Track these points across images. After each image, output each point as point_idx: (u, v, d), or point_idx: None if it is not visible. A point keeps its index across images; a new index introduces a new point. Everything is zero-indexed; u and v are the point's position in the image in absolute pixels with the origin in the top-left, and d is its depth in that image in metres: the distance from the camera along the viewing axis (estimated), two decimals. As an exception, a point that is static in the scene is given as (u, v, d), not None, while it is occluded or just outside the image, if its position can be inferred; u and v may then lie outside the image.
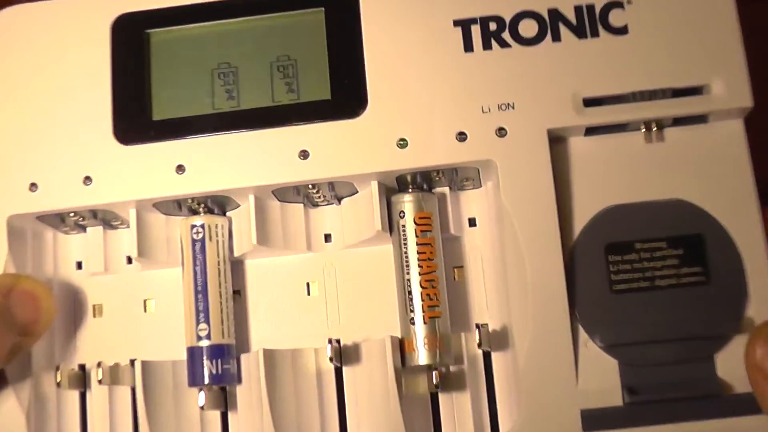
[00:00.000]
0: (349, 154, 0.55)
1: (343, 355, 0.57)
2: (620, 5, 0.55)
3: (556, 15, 0.55)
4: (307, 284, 0.59)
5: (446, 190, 0.57)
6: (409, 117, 0.55)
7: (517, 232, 0.53)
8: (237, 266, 0.59)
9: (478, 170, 0.55)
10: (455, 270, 0.58)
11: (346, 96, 0.55)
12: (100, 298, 0.60)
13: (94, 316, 0.60)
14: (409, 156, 0.54)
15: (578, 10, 0.55)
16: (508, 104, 0.54)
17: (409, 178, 0.56)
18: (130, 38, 0.57)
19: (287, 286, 0.59)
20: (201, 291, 0.56)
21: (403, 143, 0.54)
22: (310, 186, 0.56)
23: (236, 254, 0.58)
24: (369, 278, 0.59)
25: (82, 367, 0.59)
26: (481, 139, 0.54)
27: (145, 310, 0.60)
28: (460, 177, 0.56)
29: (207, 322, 0.56)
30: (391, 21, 0.56)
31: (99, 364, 0.56)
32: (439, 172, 0.55)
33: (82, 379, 0.58)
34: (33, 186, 0.56)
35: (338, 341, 0.57)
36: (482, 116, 0.54)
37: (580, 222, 0.54)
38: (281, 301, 0.59)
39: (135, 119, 0.57)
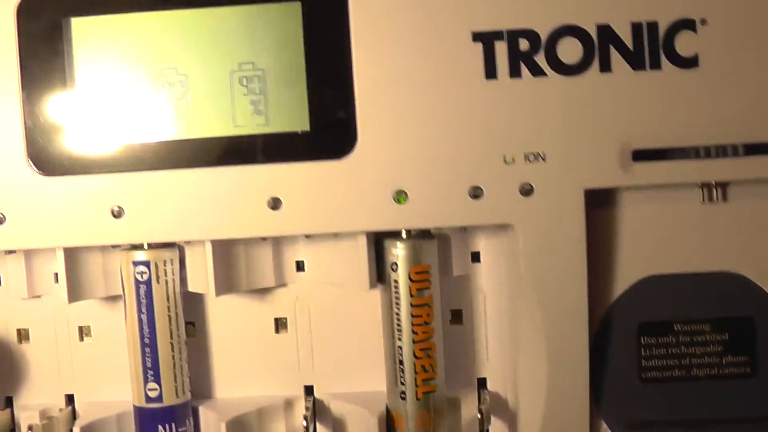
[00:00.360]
0: (332, 205, 0.43)
1: (318, 413, 0.50)
2: (692, 26, 0.42)
3: (607, 34, 0.42)
4: (276, 320, 0.51)
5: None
6: (410, 162, 0.43)
7: (536, 308, 0.44)
8: (191, 294, 0.49)
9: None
10: (451, 312, 0.50)
11: (330, 128, 0.43)
12: (26, 322, 0.51)
13: (20, 341, 0.52)
14: (408, 213, 0.43)
15: (636, 29, 0.42)
16: (538, 154, 0.43)
17: (405, 222, 0.47)
18: (43, 28, 0.43)
19: (252, 321, 0.50)
20: (149, 344, 0.47)
21: (401, 197, 0.44)
22: (281, 227, 0.47)
23: (191, 289, 0.49)
24: (349, 316, 0.50)
25: (9, 401, 0.52)
26: (500, 196, 0.43)
27: (81, 339, 0.52)
28: (466, 217, 0.47)
29: (157, 381, 0.48)
30: (390, 28, 0.43)
31: (30, 428, 0.48)
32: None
33: (8, 422, 0.52)
34: None
35: (311, 391, 0.50)
36: (504, 168, 0.43)
37: (610, 293, 0.45)
38: (244, 338, 0.50)
39: (56, 144, 0.44)
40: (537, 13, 0.43)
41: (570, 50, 0.43)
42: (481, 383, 0.50)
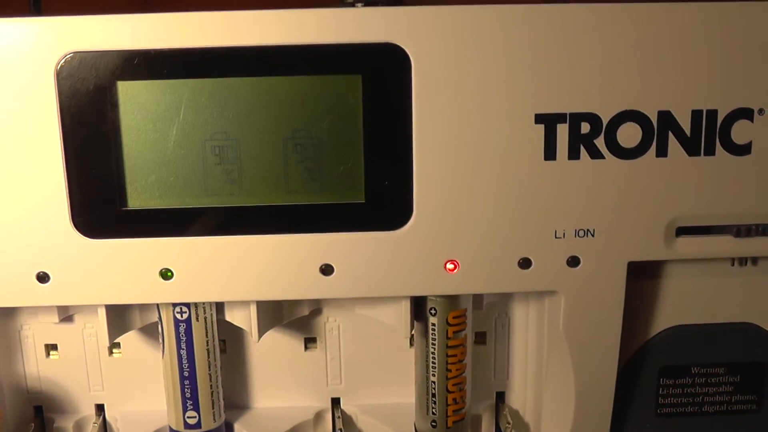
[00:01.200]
0: (384, 273, 0.45)
1: (347, 428, 0.54)
2: (749, 115, 0.43)
3: (667, 121, 0.43)
4: (305, 339, 0.53)
5: (485, 271, 0.50)
6: (463, 234, 0.45)
7: (570, 361, 0.48)
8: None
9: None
10: (475, 333, 0.53)
11: (386, 201, 0.44)
12: (54, 337, 0.52)
13: (48, 355, 0.53)
14: (457, 281, 0.45)
15: (696, 116, 0.43)
16: (587, 230, 0.45)
17: (445, 271, 0.49)
18: (87, 90, 0.42)
19: (282, 339, 0.53)
20: (188, 377, 0.49)
21: (452, 266, 0.46)
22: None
23: (228, 320, 0.50)
24: (378, 334, 0.53)
25: (39, 410, 0.54)
26: (547, 268, 0.45)
27: (110, 354, 0.53)
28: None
29: (196, 410, 0.50)
30: (453, 104, 0.43)
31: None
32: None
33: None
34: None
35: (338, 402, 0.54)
36: (554, 242, 0.45)
37: (638, 340, 0.49)
38: (274, 356, 0.53)
39: (102, 207, 0.43)
40: (601, 98, 0.43)
41: (629, 135, 0.44)
42: (500, 397, 0.55)
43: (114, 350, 0.53)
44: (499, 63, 0.43)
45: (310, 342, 0.53)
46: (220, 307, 0.50)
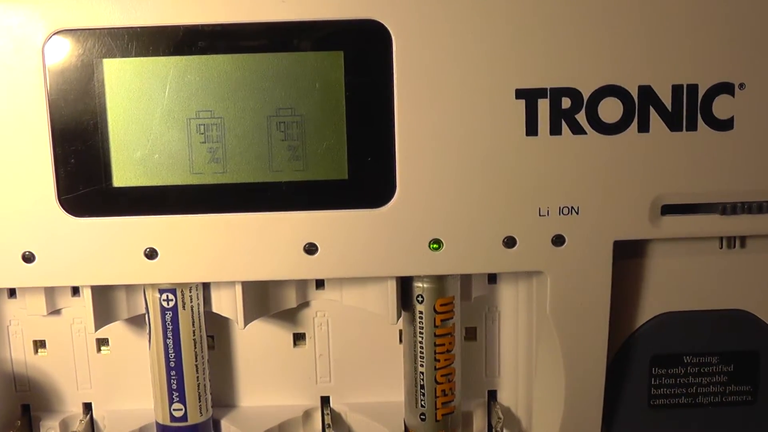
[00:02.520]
0: (369, 252, 0.45)
1: (336, 426, 0.53)
2: (730, 90, 0.44)
3: (648, 96, 0.44)
4: (294, 335, 0.54)
5: (471, 258, 0.51)
6: (446, 212, 0.45)
7: (559, 347, 0.48)
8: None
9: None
10: (465, 329, 0.53)
11: (369, 178, 0.45)
12: (42, 334, 0.53)
13: (36, 351, 0.54)
14: (441, 260, 0.46)
15: (677, 91, 0.44)
16: (572, 208, 0.45)
17: (432, 257, 0.49)
18: (74, 68, 0.43)
19: (270, 336, 0.53)
20: (174, 368, 0.50)
21: (436, 246, 0.46)
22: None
23: (215, 311, 0.51)
24: (368, 330, 0.53)
25: (26, 409, 0.54)
26: (532, 247, 0.46)
27: (98, 351, 0.54)
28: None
29: (182, 402, 0.50)
30: (434, 80, 0.44)
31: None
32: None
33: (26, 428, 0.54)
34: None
35: (327, 400, 0.54)
36: (538, 220, 0.45)
37: (628, 327, 0.49)
38: (262, 352, 0.53)
39: (88, 185, 0.44)
40: (581, 73, 0.44)
41: (610, 110, 0.44)
42: (492, 395, 0.55)
43: (102, 347, 0.53)
44: (480, 38, 0.44)
45: (298, 339, 0.54)
46: (207, 298, 0.51)
